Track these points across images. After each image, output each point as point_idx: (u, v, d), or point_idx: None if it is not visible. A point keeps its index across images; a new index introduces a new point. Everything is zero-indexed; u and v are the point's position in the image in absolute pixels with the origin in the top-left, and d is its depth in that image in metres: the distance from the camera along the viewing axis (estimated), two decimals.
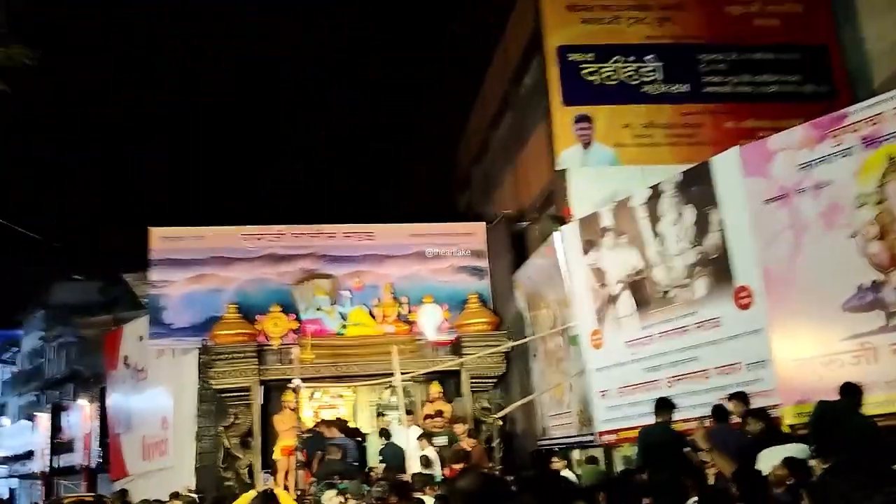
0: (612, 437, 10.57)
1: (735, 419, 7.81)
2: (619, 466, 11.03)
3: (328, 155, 26.96)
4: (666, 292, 9.80)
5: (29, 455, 33.15)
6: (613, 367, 10.52)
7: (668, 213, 9.83)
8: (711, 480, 7.06)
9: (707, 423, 8.12)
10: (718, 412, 7.84)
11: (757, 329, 8.68)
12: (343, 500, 7.84)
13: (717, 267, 9.19)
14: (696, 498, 5.42)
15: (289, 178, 26.93)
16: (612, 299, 10.60)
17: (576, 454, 12.64)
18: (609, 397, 10.57)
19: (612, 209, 10.67)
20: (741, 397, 7.95)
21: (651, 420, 9.15)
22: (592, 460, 11.59)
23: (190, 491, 12.35)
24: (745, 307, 8.86)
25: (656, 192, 9.99)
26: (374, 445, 13.73)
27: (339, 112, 26.74)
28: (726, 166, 9.18)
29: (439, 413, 13.56)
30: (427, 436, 12.39)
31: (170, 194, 29.68)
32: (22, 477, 36.02)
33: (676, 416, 8.44)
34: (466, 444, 11.81)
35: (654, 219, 9.98)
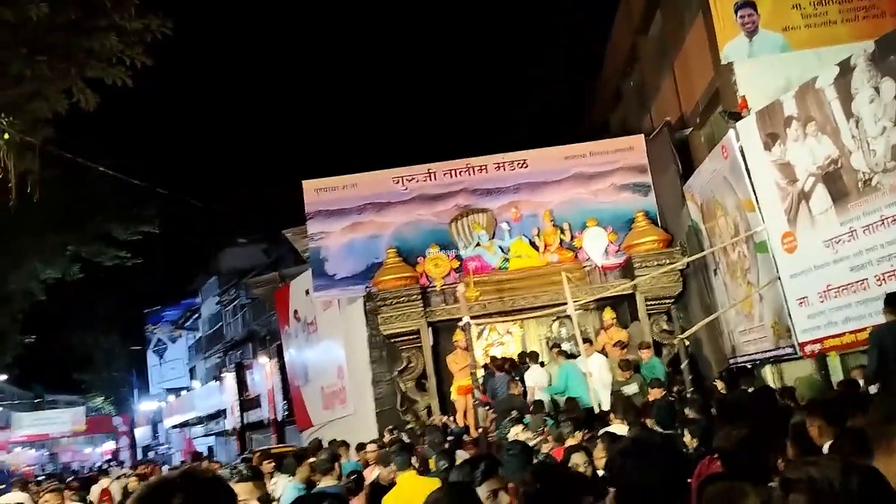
0: (816, 347, 9.56)
1: None
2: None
3: (466, 87, 26.47)
4: (868, 180, 8.61)
5: (221, 414, 35.17)
6: (811, 271, 9.46)
7: (862, 91, 8.60)
8: None
9: None
10: None
11: None
12: (532, 435, 7.39)
13: None
14: None
15: (432, 113, 26.70)
16: (804, 196, 9.49)
17: (767, 371, 11.72)
18: (809, 304, 9.54)
19: (794, 95, 9.49)
20: None
21: (865, 321, 8.24)
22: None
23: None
24: None
25: (846, 69, 8.76)
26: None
27: (474, 39, 26.13)
28: None
29: (625, 361, 12.00)
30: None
31: (318, 146, 30.17)
32: (217, 434, 38.37)
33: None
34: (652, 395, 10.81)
35: (847, 99, 8.77)
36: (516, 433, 7.48)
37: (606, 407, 10.69)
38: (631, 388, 10.96)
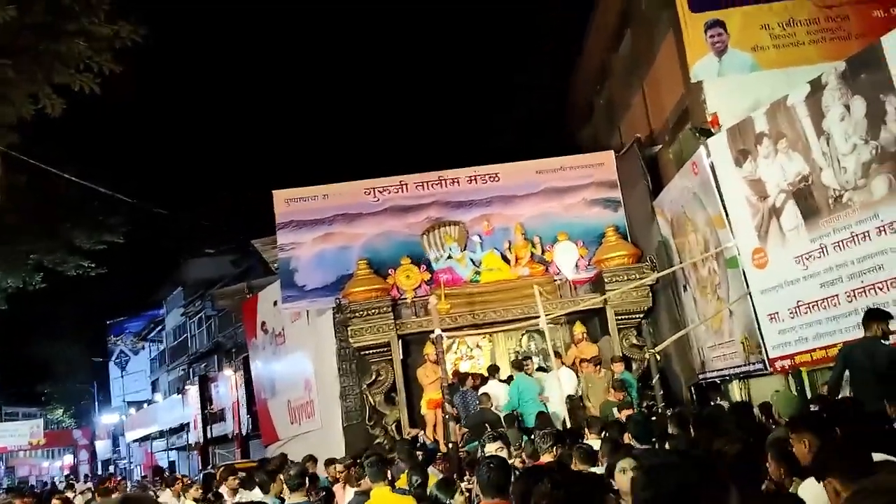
0: (787, 363, 9.63)
1: None
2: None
3: (449, 93, 26.42)
4: (838, 197, 8.72)
5: (184, 427, 34.58)
6: (782, 287, 9.54)
7: (833, 108, 8.72)
8: None
9: None
10: None
11: None
12: (510, 452, 7.29)
13: None
14: None
15: (402, 125, 26.58)
16: (775, 212, 9.59)
17: (734, 386, 11.83)
18: (780, 320, 9.62)
19: (766, 112, 9.61)
20: None
21: (835, 338, 8.32)
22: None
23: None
24: None
25: (817, 87, 8.89)
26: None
27: (445, 51, 26.13)
28: None
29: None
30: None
31: (289, 156, 29.91)
32: (180, 449, 37.71)
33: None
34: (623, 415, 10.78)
35: (818, 116, 8.89)
36: (493, 448, 7.37)
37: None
38: (627, 412, 10.85)
